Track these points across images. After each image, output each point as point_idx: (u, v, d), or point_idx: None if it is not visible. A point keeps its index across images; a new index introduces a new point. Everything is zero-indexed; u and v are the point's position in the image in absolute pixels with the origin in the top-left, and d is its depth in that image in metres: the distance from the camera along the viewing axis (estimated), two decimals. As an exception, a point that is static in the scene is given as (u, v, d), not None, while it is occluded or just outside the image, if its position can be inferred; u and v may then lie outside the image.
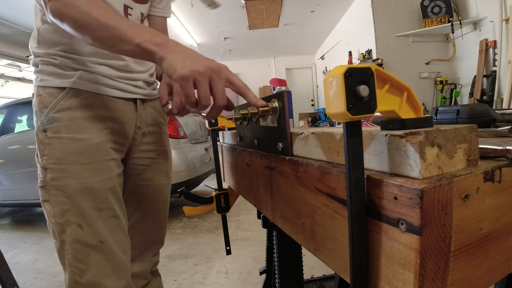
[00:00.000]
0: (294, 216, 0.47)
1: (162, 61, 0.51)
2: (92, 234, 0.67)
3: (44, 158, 0.68)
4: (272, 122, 0.54)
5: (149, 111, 0.83)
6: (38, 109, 0.69)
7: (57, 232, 0.68)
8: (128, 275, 0.73)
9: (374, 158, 0.31)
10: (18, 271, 2.11)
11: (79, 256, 0.67)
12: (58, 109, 0.68)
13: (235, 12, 4.84)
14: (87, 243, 0.67)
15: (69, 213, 0.66)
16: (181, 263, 2.09)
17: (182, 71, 0.48)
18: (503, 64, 2.97)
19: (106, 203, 0.70)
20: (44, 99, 0.69)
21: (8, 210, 4.27)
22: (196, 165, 3.16)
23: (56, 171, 0.67)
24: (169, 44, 0.52)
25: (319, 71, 7.83)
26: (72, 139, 0.68)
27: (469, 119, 0.60)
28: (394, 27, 3.95)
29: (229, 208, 1.02)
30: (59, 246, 0.69)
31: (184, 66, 0.49)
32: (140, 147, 0.82)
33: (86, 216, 0.67)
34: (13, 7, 4.00)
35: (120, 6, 0.73)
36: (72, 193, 0.66)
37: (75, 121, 0.68)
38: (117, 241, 0.71)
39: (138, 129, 0.80)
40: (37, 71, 0.71)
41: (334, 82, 0.28)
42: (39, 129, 0.69)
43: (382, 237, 0.29)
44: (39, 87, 0.70)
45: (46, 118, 0.68)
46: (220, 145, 1.05)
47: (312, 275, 1.46)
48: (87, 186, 0.67)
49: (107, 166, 0.71)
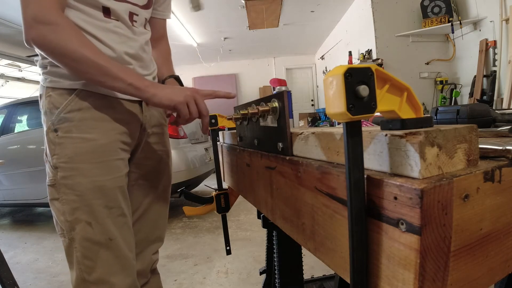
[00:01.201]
0: (294, 216, 0.47)
1: (155, 96, 0.66)
2: (101, 232, 0.68)
3: (55, 157, 0.69)
4: (272, 122, 0.54)
5: (152, 113, 0.85)
6: (48, 109, 0.70)
7: (66, 230, 0.68)
8: (134, 273, 0.75)
9: (374, 158, 0.31)
10: (18, 271, 2.11)
11: (88, 253, 0.68)
12: (69, 110, 0.69)
13: (235, 12, 4.83)
14: (96, 241, 0.68)
15: (79, 211, 0.67)
16: (181, 263, 2.09)
17: (178, 99, 0.67)
18: (503, 64, 2.97)
19: (115, 202, 0.71)
20: (54, 100, 0.70)
21: (8, 210, 4.27)
22: (196, 165, 3.16)
23: (67, 169, 0.68)
24: (155, 84, 0.67)
25: (319, 71, 7.83)
26: (83, 138, 0.69)
27: (469, 119, 0.60)
28: (394, 27, 3.95)
29: (229, 208, 1.02)
30: (67, 244, 0.69)
31: (177, 95, 0.67)
32: (145, 148, 0.84)
33: (96, 214, 0.68)
34: (13, 7, 4.00)
35: (126, 13, 0.75)
36: (82, 191, 0.67)
37: (85, 122, 0.70)
38: (125, 239, 0.72)
39: (144, 130, 0.82)
40: (46, 72, 0.71)
41: (334, 82, 0.28)
42: (49, 129, 0.70)
43: (382, 237, 0.29)
44: (48, 88, 0.71)
45: (57, 118, 0.69)
46: (220, 145, 1.05)
47: (312, 275, 1.46)
48: (97, 184, 0.69)
49: (116, 166, 0.73)
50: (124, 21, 0.75)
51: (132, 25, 0.77)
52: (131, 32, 0.77)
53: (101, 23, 0.70)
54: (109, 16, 0.72)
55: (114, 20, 0.73)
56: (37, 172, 2.99)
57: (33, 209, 4.15)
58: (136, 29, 0.79)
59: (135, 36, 0.78)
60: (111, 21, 0.72)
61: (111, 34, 0.72)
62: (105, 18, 0.71)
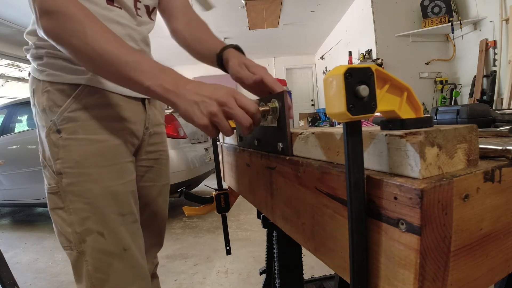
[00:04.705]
0: (294, 216, 0.47)
1: (177, 108, 0.51)
2: (115, 242, 0.63)
3: (59, 161, 0.62)
4: (272, 122, 0.54)
5: (154, 112, 0.81)
6: (48, 107, 0.62)
7: (75, 243, 0.62)
8: (149, 282, 0.70)
9: (374, 158, 0.31)
10: (18, 271, 2.11)
11: (100, 266, 0.62)
12: (74, 108, 0.62)
13: (235, 12, 4.84)
14: (109, 252, 0.63)
15: (89, 221, 0.61)
16: (181, 263, 2.09)
17: (200, 122, 0.49)
18: (503, 64, 2.97)
19: (128, 207, 0.66)
20: (54, 96, 0.62)
21: (8, 210, 4.27)
22: (196, 165, 3.16)
23: (75, 175, 0.61)
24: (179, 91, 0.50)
25: (319, 71, 7.83)
26: (91, 140, 0.63)
27: (469, 119, 0.60)
28: (394, 27, 3.95)
29: (229, 208, 1.02)
30: (75, 257, 0.63)
31: (200, 115, 0.49)
32: (147, 148, 0.80)
33: (108, 223, 0.62)
34: (13, 7, 4.00)
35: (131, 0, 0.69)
36: (93, 199, 0.61)
37: (92, 121, 0.63)
38: (138, 247, 0.68)
39: (146, 129, 0.77)
40: (41, 64, 0.63)
41: (334, 82, 0.28)
42: (51, 130, 0.62)
43: (382, 237, 0.29)
44: (45, 82, 0.63)
45: (60, 117, 0.62)
46: (220, 145, 1.05)
47: (312, 275, 1.46)
48: (109, 190, 0.63)
49: (128, 168, 0.68)
50: (129, 10, 0.68)
51: (137, 14, 0.71)
52: (135, 23, 0.71)
53: (103, 11, 0.63)
54: (112, 3, 0.65)
55: (118, 8, 0.66)
56: (37, 172, 2.99)
57: (33, 209, 4.15)
58: (140, 19, 0.72)
59: (139, 27, 0.72)
60: (114, 9, 0.65)
61: (114, 25, 0.65)
62: (108, 6, 0.64)
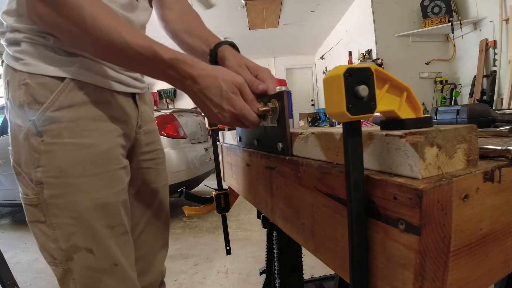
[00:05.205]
0: (294, 216, 0.47)
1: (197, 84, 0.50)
2: (105, 258, 0.58)
3: (40, 169, 0.54)
4: (272, 122, 0.54)
5: (145, 108, 0.73)
6: (26, 103, 0.53)
7: (61, 260, 0.56)
8: None
9: (374, 158, 0.31)
10: (18, 271, 2.11)
11: (89, 283, 0.57)
12: (58, 107, 0.54)
13: (235, 12, 4.84)
14: (99, 269, 0.57)
15: (76, 236, 0.55)
16: (181, 263, 2.09)
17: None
18: (503, 64, 2.97)
19: (118, 219, 0.60)
20: (34, 91, 0.53)
21: (8, 210, 4.27)
22: (196, 165, 3.16)
23: (59, 186, 0.54)
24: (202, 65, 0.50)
25: (319, 71, 7.83)
26: (78, 145, 0.55)
27: (469, 119, 0.60)
28: (394, 27, 3.95)
29: (229, 208, 1.02)
30: (61, 274, 0.57)
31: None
32: (143, 149, 0.74)
33: (97, 237, 0.57)
34: (13, 7, 3.99)
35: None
36: (80, 212, 0.55)
37: (79, 122, 0.55)
38: (128, 260, 0.63)
39: (139, 128, 0.71)
40: (18, 51, 0.54)
41: (334, 82, 0.28)
42: (30, 132, 0.53)
43: (382, 237, 0.29)
44: (23, 73, 0.54)
45: (41, 117, 0.53)
46: (220, 145, 1.05)
47: (312, 275, 1.46)
48: (99, 202, 0.56)
49: (119, 176, 0.61)
50: None
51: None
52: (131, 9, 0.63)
53: None
54: None
55: None
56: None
57: (33, 209, 4.14)
58: (137, 3, 0.65)
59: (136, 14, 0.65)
60: None
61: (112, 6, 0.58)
62: None
